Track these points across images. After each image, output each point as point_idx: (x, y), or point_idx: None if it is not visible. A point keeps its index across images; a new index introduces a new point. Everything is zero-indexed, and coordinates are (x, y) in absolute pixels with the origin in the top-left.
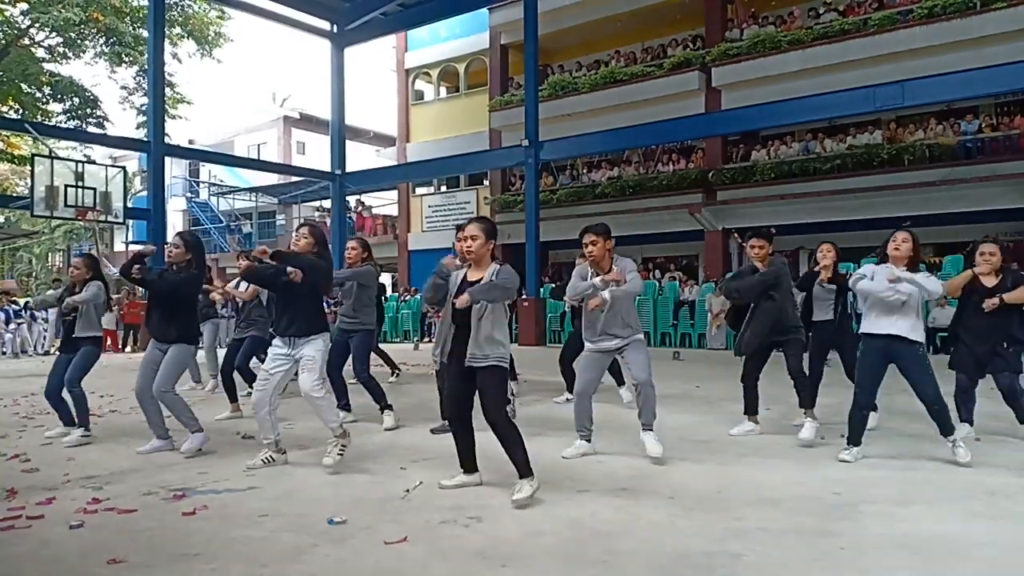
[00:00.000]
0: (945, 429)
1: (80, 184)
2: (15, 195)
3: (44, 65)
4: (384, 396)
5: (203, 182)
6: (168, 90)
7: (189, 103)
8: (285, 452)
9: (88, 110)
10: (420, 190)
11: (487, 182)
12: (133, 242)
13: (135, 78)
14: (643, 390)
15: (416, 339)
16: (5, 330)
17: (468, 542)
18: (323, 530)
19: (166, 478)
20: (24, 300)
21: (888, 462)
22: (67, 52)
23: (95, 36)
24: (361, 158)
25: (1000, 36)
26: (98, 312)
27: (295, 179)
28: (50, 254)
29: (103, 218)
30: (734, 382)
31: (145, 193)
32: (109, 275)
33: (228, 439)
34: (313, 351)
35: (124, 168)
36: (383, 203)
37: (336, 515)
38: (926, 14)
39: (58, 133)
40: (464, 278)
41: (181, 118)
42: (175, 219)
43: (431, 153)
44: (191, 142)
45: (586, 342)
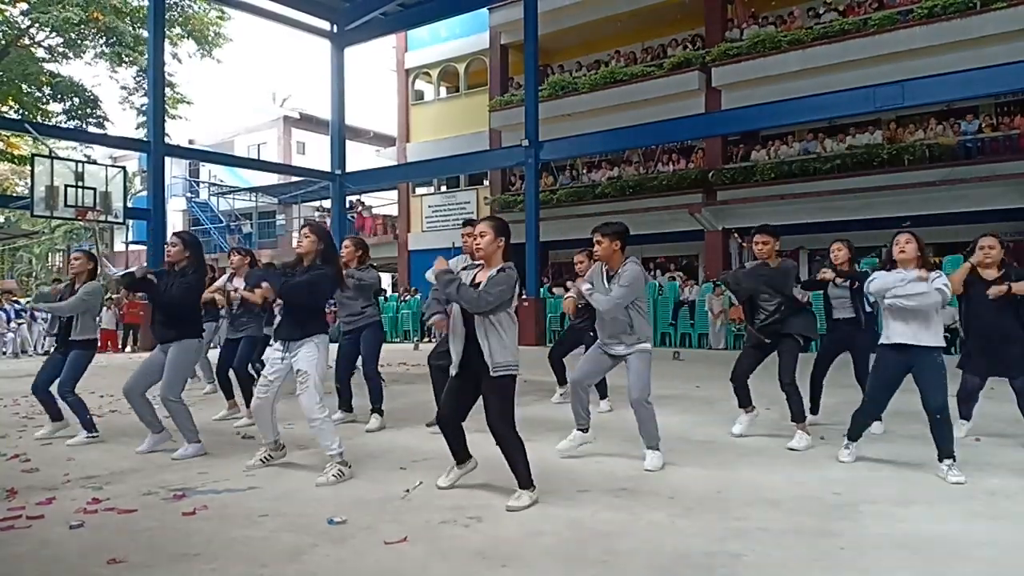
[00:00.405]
0: (943, 450)
1: (80, 184)
2: (15, 195)
3: (44, 65)
4: (382, 399)
5: (203, 182)
6: (168, 90)
7: (189, 103)
8: (284, 447)
9: (88, 110)
10: (420, 190)
11: (487, 182)
12: (133, 242)
13: (135, 78)
14: (635, 410)
15: (416, 339)
16: (7, 329)
17: (468, 542)
18: (323, 530)
19: (166, 478)
20: (24, 300)
21: (888, 462)
22: (67, 52)
23: (95, 36)
24: (361, 158)
25: (1000, 36)
26: (93, 314)
27: (295, 179)
28: (50, 254)
29: (103, 218)
30: None
31: (145, 193)
32: (109, 275)
33: (228, 439)
34: (308, 365)
35: (124, 168)
36: (383, 203)
37: (336, 515)
38: (926, 14)
39: (58, 133)
40: (473, 280)
41: (181, 118)
42: (175, 219)
43: (431, 153)
44: (191, 142)
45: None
